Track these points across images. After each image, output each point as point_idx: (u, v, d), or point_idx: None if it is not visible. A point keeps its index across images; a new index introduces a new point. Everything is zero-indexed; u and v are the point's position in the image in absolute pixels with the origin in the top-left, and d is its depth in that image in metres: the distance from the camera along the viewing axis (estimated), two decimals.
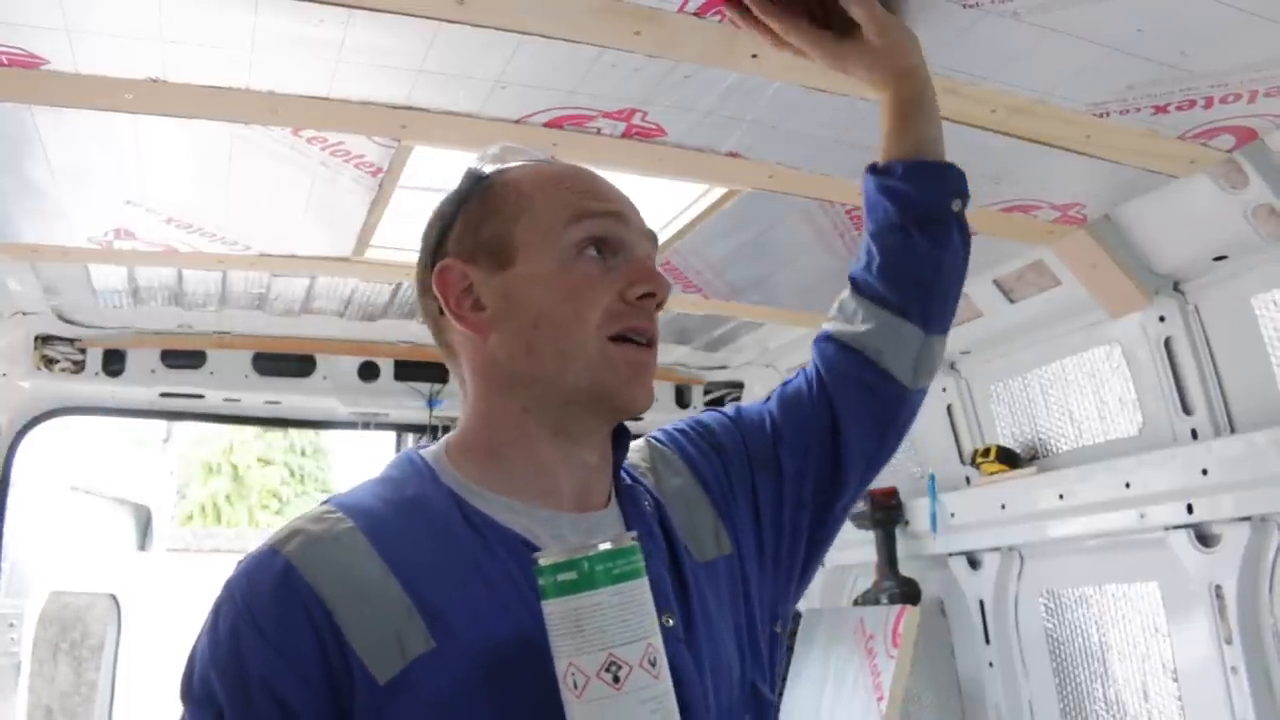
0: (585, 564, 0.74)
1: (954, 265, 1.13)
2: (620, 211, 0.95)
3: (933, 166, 1.13)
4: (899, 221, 1.11)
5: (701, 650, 0.89)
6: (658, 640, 0.75)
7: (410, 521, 0.87)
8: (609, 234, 0.93)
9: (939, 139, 1.15)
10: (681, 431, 1.09)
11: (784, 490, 1.05)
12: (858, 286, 1.13)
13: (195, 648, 0.84)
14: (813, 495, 1.06)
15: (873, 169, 1.15)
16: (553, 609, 0.75)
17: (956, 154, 1.56)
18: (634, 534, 0.78)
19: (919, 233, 1.10)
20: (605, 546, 0.75)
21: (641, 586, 0.75)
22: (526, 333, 0.91)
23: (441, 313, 0.94)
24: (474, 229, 0.94)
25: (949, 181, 1.13)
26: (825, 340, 1.13)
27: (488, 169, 0.98)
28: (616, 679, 0.72)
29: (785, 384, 1.13)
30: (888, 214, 1.12)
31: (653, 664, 0.74)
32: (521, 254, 0.92)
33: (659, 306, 0.94)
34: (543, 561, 0.76)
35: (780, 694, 1.01)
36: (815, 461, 1.07)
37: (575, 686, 0.73)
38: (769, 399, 1.12)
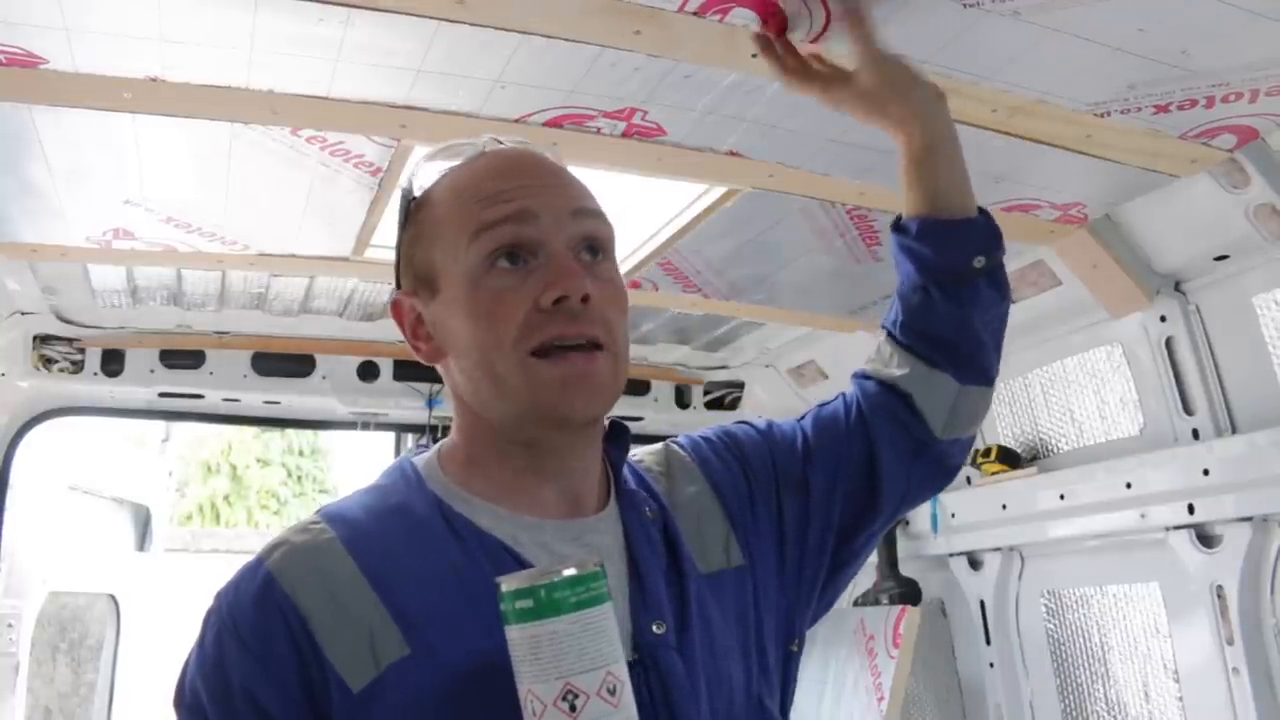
0: (542, 592, 0.72)
1: (986, 320, 1.09)
2: (524, 209, 0.88)
3: (949, 225, 1.07)
4: (920, 282, 1.07)
5: (696, 658, 0.89)
6: (619, 668, 0.74)
7: (391, 529, 0.88)
8: (516, 239, 0.87)
9: (957, 191, 1.09)
10: (706, 440, 1.06)
11: (811, 510, 1.03)
12: (891, 335, 1.10)
13: (188, 657, 0.86)
14: (841, 518, 1.04)
15: (895, 224, 1.11)
16: (512, 635, 0.74)
17: None
18: (597, 559, 0.76)
19: (940, 293, 1.06)
20: (569, 572, 0.73)
21: (603, 613, 0.74)
22: (462, 361, 0.91)
23: None
24: (409, 259, 0.94)
25: (968, 240, 1.07)
26: (864, 378, 1.11)
27: (417, 183, 0.96)
28: (573, 708, 0.71)
29: (822, 406, 1.11)
30: (909, 274, 1.08)
31: (611, 692, 0.73)
32: (442, 280, 0.91)
33: (584, 301, 0.86)
34: (503, 587, 0.75)
35: (789, 702, 1.01)
36: (848, 485, 1.05)
37: (534, 714, 0.73)
38: (804, 417, 1.10)
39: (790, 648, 1.00)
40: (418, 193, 0.96)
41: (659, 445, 1.07)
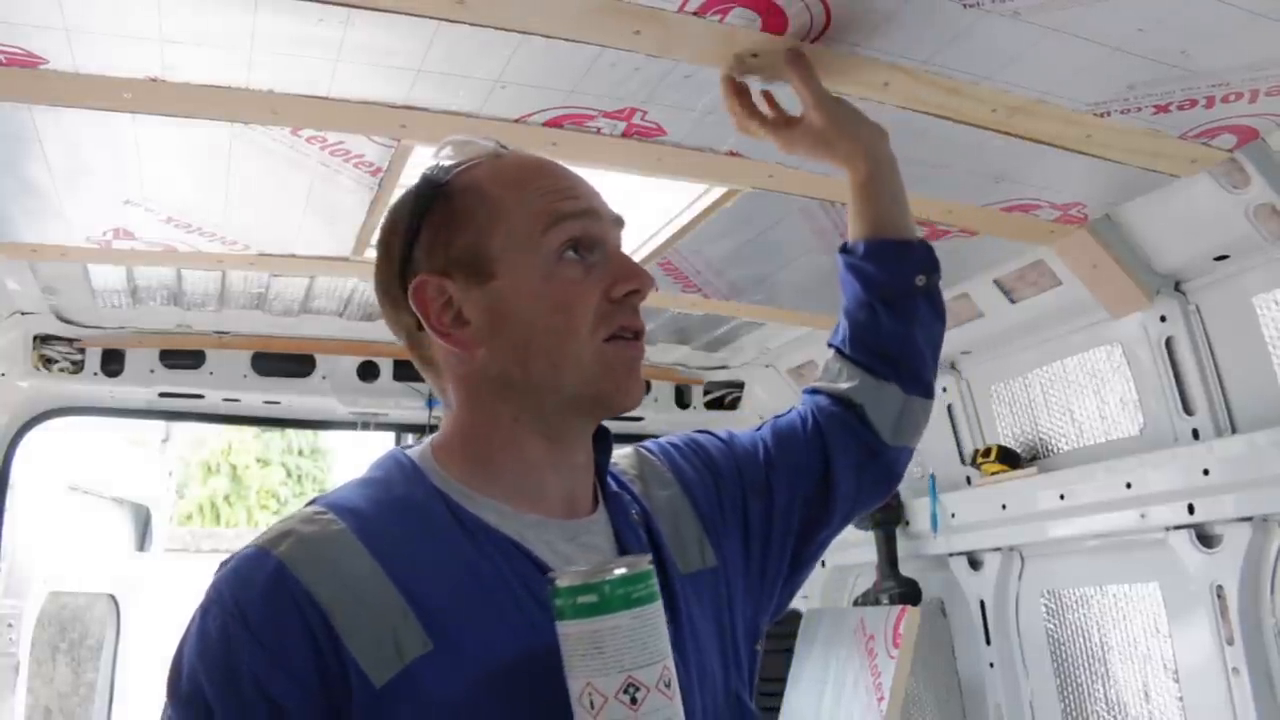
0: (606, 587, 0.75)
1: (926, 336, 1.18)
2: (592, 208, 0.93)
3: (893, 245, 1.17)
4: (865, 299, 1.17)
5: (688, 656, 0.90)
6: (671, 662, 0.76)
7: (401, 522, 0.87)
8: (586, 233, 0.92)
9: (900, 216, 1.20)
10: (674, 445, 1.10)
11: (774, 514, 1.07)
12: (839, 352, 1.19)
13: (182, 647, 0.83)
14: (800, 523, 1.09)
15: (842, 248, 1.20)
16: (570, 630, 0.75)
17: (957, 154, 1.57)
18: (649, 557, 0.79)
19: (885, 310, 1.16)
20: (621, 571, 0.76)
21: (657, 610, 0.77)
22: (519, 346, 0.90)
23: (419, 327, 0.92)
24: (445, 242, 0.92)
25: (910, 260, 1.17)
26: (814, 393, 1.19)
27: (445, 165, 0.95)
28: (634, 700, 0.73)
29: (778, 417, 1.17)
30: (855, 292, 1.18)
31: (667, 685, 0.75)
32: (500, 266, 0.90)
33: (641, 299, 0.94)
34: (560, 583, 0.76)
35: (754, 697, 1.02)
36: (806, 491, 1.10)
37: (591, 706, 0.74)
38: (761, 428, 1.16)
39: (755, 647, 1.03)
40: (447, 178, 0.94)
41: (629, 449, 1.09)
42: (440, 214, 0.93)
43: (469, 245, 0.91)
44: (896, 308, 1.16)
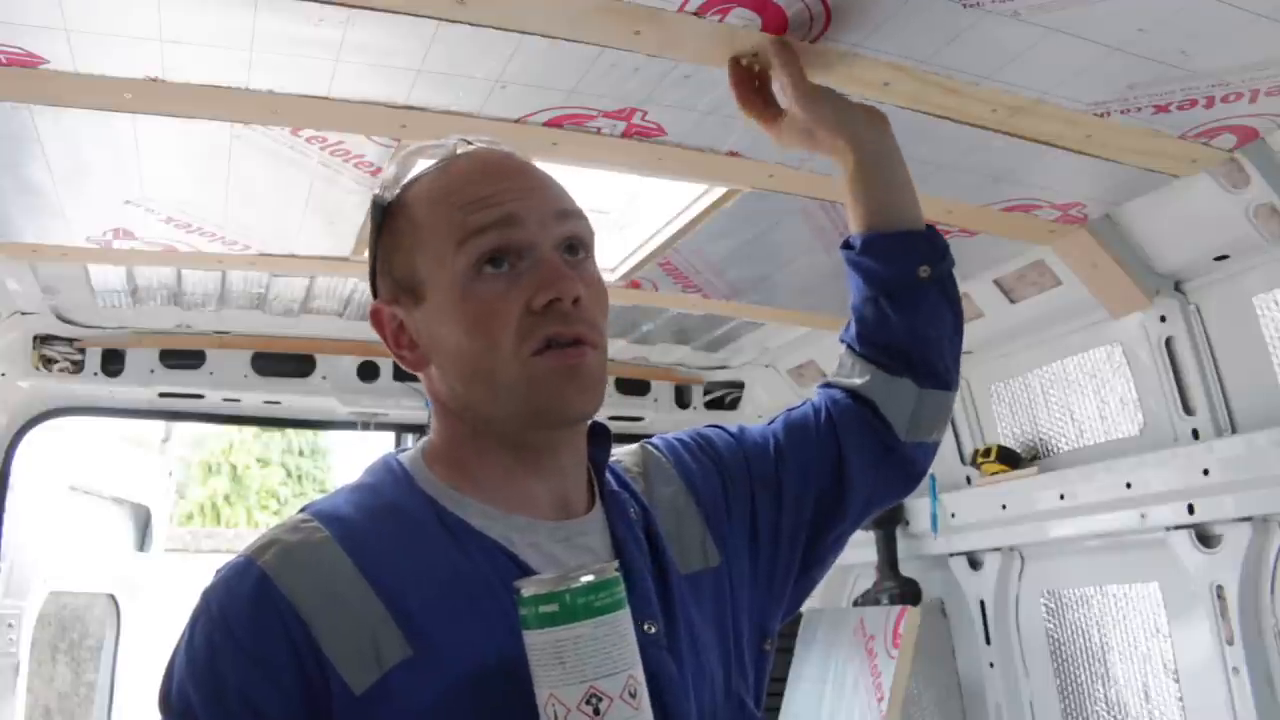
0: (567, 597, 0.73)
1: (937, 327, 1.13)
2: (510, 214, 0.88)
3: (890, 238, 1.12)
4: (869, 294, 1.13)
5: (684, 657, 0.89)
6: (638, 671, 0.75)
7: (387, 528, 0.87)
8: (503, 244, 0.87)
9: (896, 206, 1.14)
10: (681, 442, 1.08)
11: (784, 511, 1.05)
12: (850, 348, 1.15)
13: (173, 658, 0.84)
14: (812, 519, 1.07)
15: (844, 244, 1.16)
16: (534, 639, 0.74)
17: (957, 154, 1.57)
18: (616, 564, 0.77)
19: (889, 303, 1.11)
20: (587, 579, 0.74)
21: (623, 618, 0.75)
22: (453, 368, 0.90)
23: None
24: (388, 268, 0.94)
25: (909, 252, 1.12)
26: (828, 387, 1.15)
27: (387, 184, 0.96)
28: (597, 711, 0.72)
29: (791, 410, 1.14)
30: (859, 287, 1.14)
31: (632, 695, 0.74)
32: (426, 289, 0.90)
33: (576, 303, 0.88)
34: (524, 592, 0.75)
35: (762, 703, 1.01)
36: (817, 487, 1.07)
37: (556, 717, 0.73)
38: (774, 421, 1.13)
39: (764, 647, 1.02)
40: (389, 199, 0.95)
41: (635, 446, 1.08)
42: (386, 236, 0.95)
43: (403, 270, 0.92)
44: (902, 301, 1.11)
